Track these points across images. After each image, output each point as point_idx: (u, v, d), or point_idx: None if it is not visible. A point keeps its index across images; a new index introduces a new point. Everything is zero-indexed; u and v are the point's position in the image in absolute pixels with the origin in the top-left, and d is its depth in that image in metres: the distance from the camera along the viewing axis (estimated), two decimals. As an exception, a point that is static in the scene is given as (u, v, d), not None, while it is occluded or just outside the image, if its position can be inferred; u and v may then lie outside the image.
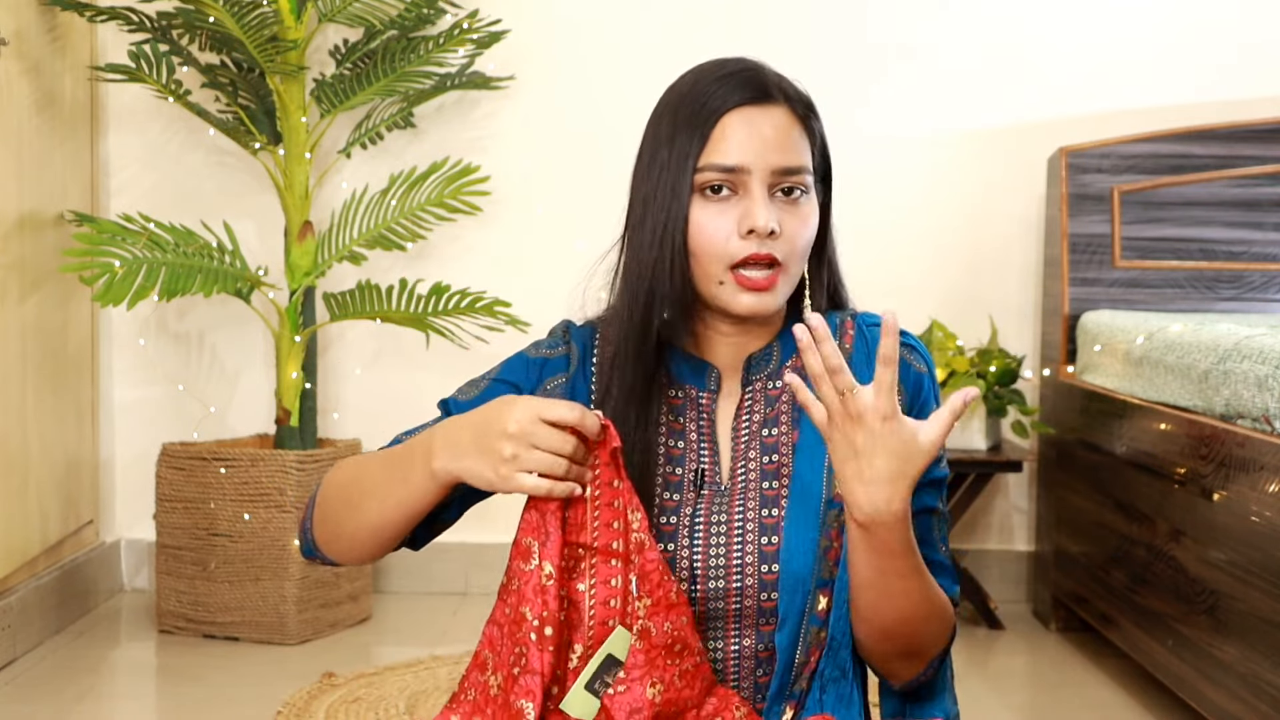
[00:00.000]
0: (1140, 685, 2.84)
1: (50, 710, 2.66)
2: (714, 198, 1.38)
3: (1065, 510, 3.23)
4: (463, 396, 1.46)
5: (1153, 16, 3.52)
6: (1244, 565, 2.18)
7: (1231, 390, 2.31)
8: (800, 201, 1.39)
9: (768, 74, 1.42)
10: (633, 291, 1.41)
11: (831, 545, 1.36)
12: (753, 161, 1.37)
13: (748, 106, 1.38)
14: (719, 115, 1.38)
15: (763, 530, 1.38)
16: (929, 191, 3.54)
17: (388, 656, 3.02)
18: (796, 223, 1.38)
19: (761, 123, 1.38)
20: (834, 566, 1.36)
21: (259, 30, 3.00)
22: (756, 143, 1.37)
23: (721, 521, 1.39)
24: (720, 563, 1.38)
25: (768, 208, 1.36)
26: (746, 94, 1.38)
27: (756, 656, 1.39)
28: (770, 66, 1.44)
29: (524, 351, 1.48)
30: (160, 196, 3.51)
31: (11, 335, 2.95)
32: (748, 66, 1.42)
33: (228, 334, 3.57)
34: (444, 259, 3.53)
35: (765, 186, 1.37)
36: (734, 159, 1.37)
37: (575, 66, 3.53)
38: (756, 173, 1.37)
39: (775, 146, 1.37)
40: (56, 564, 3.20)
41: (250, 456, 3.10)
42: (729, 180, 1.37)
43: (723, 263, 1.37)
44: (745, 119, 1.38)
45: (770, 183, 1.38)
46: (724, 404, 1.45)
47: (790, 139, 1.39)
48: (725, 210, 1.37)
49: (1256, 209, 3.31)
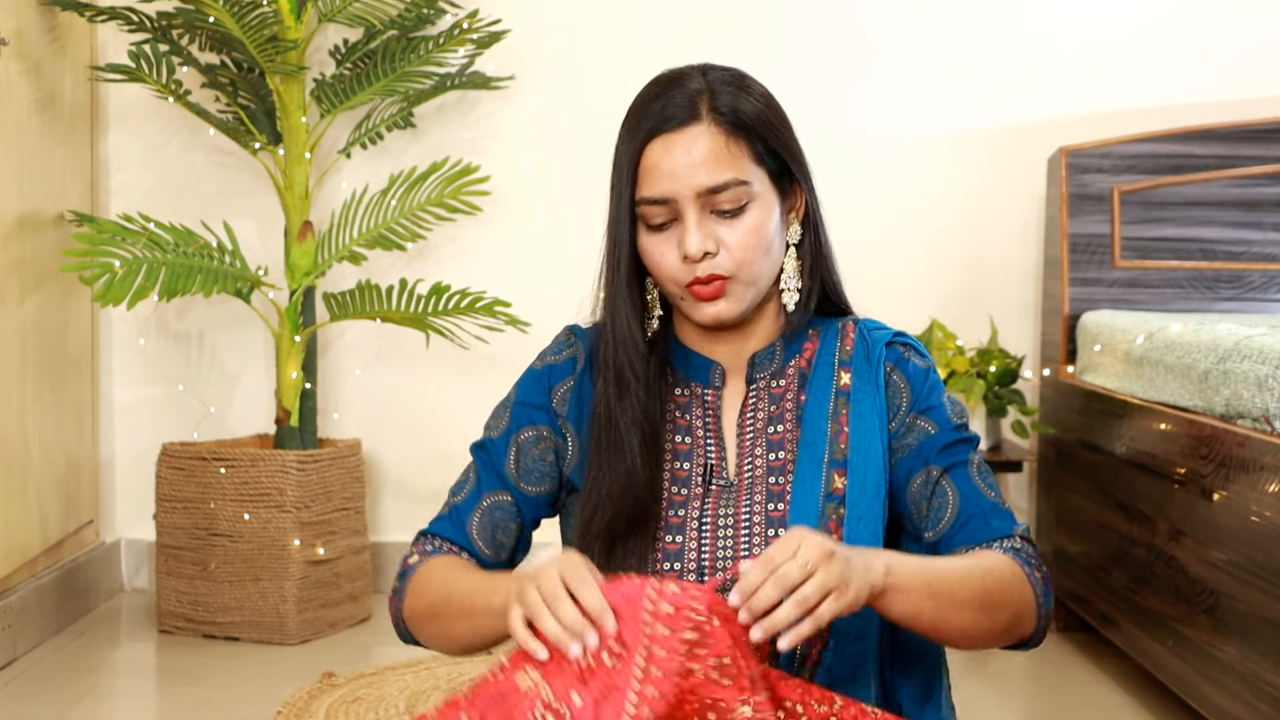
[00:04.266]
0: (1140, 685, 2.84)
1: (50, 710, 2.66)
2: (658, 231, 1.41)
3: (1065, 510, 3.23)
4: (494, 433, 1.52)
5: (1153, 16, 3.52)
6: (1244, 565, 2.18)
7: (1231, 390, 2.31)
8: (743, 214, 1.40)
9: (689, 86, 1.41)
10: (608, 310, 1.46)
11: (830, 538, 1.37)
12: (677, 189, 1.38)
13: (665, 135, 1.39)
14: (641, 149, 1.40)
15: (769, 524, 1.41)
16: (929, 192, 3.54)
17: (388, 656, 3.01)
18: (738, 235, 1.39)
19: (677, 149, 1.39)
20: None
21: (259, 30, 3.00)
22: (677, 170, 1.38)
23: (729, 515, 1.43)
24: (728, 556, 1.41)
25: (698, 232, 1.38)
26: (660, 123, 1.39)
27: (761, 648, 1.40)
28: (704, 74, 1.42)
29: (531, 366, 1.53)
30: (160, 196, 3.51)
31: (11, 335, 2.95)
32: (668, 89, 1.41)
33: (228, 334, 3.57)
34: (444, 259, 3.53)
35: (697, 209, 1.39)
36: (659, 190, 1.39)
37: (575, 66, 3.53)
38: (683, 199, 1.39)
39: (696, 168, 1.38)
40: (56, 564, 3.20)
41: (250, 456, 3.10)
42: (663, 211, 1.40)
43: (677, 285, 1.41)
44: (664, 147, 1.39)
45: (701, 204, 1.39)
46: (729, 401, 1.49)
47: (713, 156, 1.38)
48: (668, 238, 1.41)
49: (1256, 209, 3.31)
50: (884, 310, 1.56)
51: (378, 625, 3.29)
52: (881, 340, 1.47)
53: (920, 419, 1.45)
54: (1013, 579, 1.37)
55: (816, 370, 1.46)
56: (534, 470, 1.50)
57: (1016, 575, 1.38)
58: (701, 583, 1.38)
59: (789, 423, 1.46)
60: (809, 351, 1.48)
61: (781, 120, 1.44)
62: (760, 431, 1.46)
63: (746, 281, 1.41)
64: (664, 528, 1.43)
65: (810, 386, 1.46)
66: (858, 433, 1.43)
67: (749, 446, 1.46)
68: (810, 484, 1.41)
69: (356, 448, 3.29)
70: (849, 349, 1.47)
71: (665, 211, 1.39)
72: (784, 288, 1.45)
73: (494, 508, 1.50)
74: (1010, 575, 1.37)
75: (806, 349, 1.49)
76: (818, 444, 1.42)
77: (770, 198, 1.42)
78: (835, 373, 1.46)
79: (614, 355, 1.44)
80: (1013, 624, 1.38)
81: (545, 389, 1.50)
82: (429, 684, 2.78)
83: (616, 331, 1.44)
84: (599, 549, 1.41)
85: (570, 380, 1.50)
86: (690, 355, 1.49)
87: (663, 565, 1.41)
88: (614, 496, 1.42)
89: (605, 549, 1.41)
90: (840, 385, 1.45)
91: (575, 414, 1.49)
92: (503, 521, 1.50)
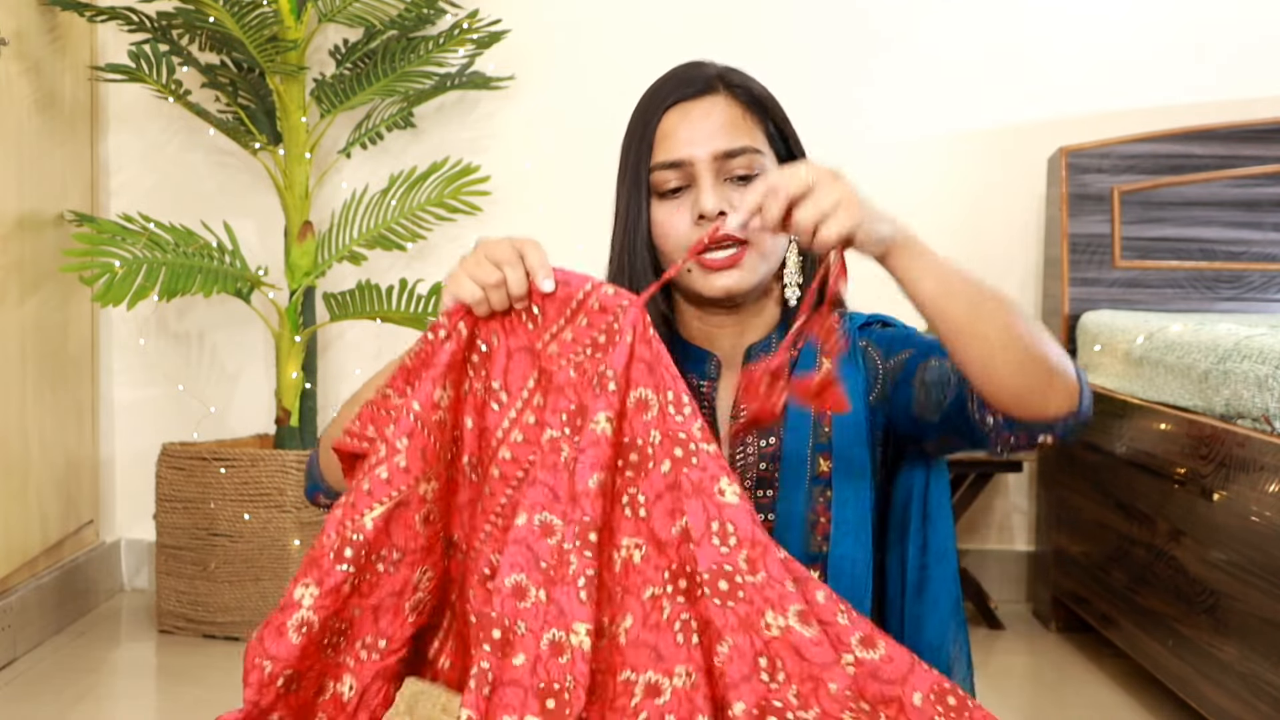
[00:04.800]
0: (1140, 685, 2.84)
1: (50, 710, 2.66)
2: (671, 197, 1.42)
3: (1065, 510, 3.23)
4: None
5: (1153, 16, 3.52)
6: (1244, 565, 2.18)
7: (1231, 390, 2.31)
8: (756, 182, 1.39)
9: (706, 69, 1.45)
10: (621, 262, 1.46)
11: (818, 520, 1.41)
12: (693, 152, 1.40)
13: (683, 103, 1.42)
14: (658, 117, 1.42)
15: (760, 509, 1.43)
16: (929, 192, 3.54)
17: (388, 656, 3.01)
18: None
19: (696, 114, 1.41)
20: (823, 541, 1.41)
21: (259, 30, 3.00)
22: (694, 133, 1.41)
23: None
24: None
25: (714, 191, 1.40)
26: (680, 91, 1.43)
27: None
28: (718, 63, 1.47)
29: None
30: (160, 196, 3.51)
31: (11, 335, 2.95)
32: (687, 66, 1.46)
33: (228, 334, 3.57)
34: (444, 259, 3.52)
35: (713, 174, 1.41)
36: (674, 154, 1.41)
37: (575, 66, 3.53)
38: (700, 162, 1.40)
39: (714, 133, 1.41)
40: (57, 564, 3.20)
41: (250, 456, 3.10)
42: (678, 176, 1.41)
43: (689, 253, 1.40)
44: (681, 114, 1.42)
45: (716, 169, 1.41)
46: (724, 391, 1.50)
47: (730, 123, 1.41)
48: (681, 205, 1.42)
49: (1256, 209, 3.31)
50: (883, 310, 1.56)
51: (378, 625, 3.29)
52: (858, 322, 1.50)
53: (898, 356, 1.45)
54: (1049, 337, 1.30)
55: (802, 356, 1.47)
56: None
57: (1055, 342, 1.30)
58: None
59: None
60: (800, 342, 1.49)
61: (786, 117, 1.49)
62: None
63: (760, 253, 1.42)
64: None
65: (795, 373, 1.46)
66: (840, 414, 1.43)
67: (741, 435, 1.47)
68: (796, 468, 1.43)
69: (356, 448, 3.28)
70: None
71: (680, 176, 1.41)
72: (787, 282, 1.46)
73: None
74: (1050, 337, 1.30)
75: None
76: (802, 428, 1.44)
77: None
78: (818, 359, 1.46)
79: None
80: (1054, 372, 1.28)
81: None
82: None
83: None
84: None
85: None
86: (689, 348, 1.50)
87: None
88: None
89: None
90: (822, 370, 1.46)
91: None
92: None
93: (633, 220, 1.44)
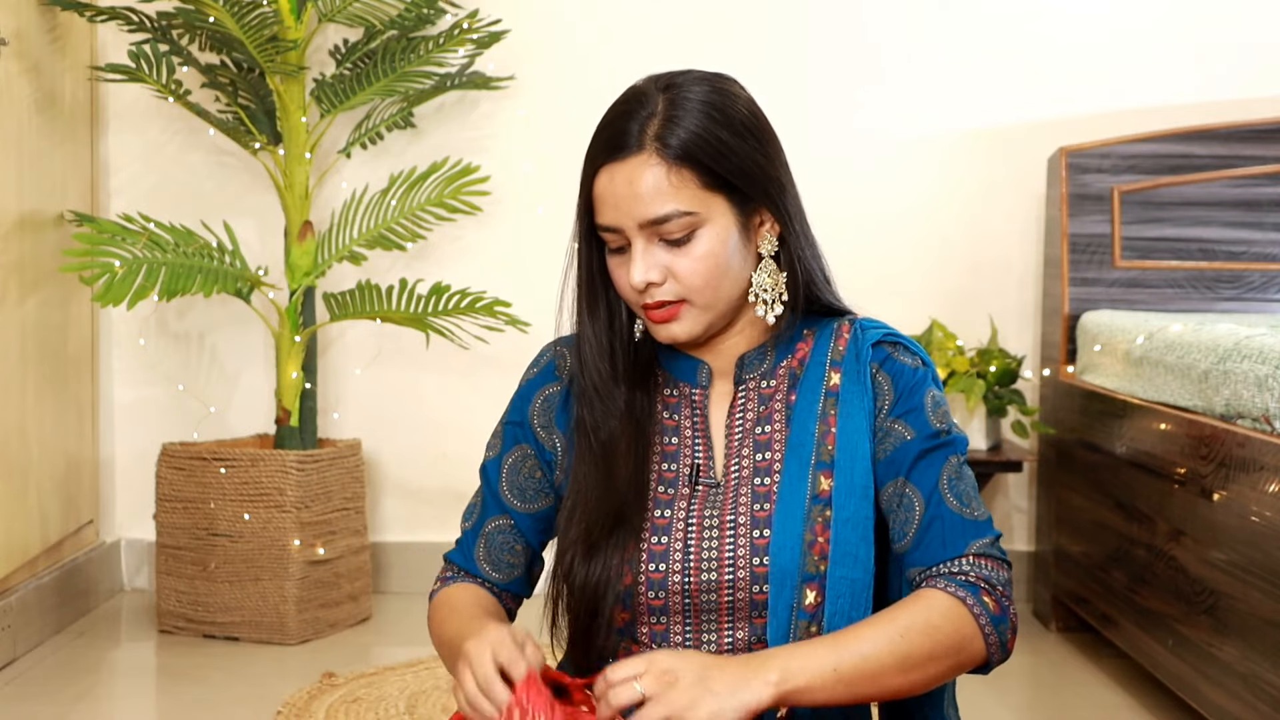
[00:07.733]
0: (1140, 685, 2.84)
1: (50, 710, 2.66)
2: (616, 252, 1.43)
3: (1065, 510, 3.23)
4: (491, 454, 1.55)
5: (1153, 16, 3.52)
6: (1244, 565, 2.18)
7: (1231, 390, 2.31)
8: (691, 241, 1.39)
9: (638, 116, 1.40)
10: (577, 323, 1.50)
11: (816, 540, 1.39)
12: (620, 220, 1.40)
13: (609, 165, 1.41)
14: (591, 178, 1.43)
15: (754, 524, 1.41)
16: (929, 192, 3.54)
17: (388, 656, 3.02)
18: (687, 263, 1.39)
19: (620, 180, 1.40)
20: (820, 561, 1.38)
21: (259, 30, 3.00)
22: (620, 200, 1.40)
23: (715, 515, 1.43)
24: (714, 556, 1.41)
25: (642, 261, 1.39)
26: (606, 153, 1.41)
27: (750, 649, 1.41)
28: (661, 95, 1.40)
29: (520, 384, 1.56)
30: (160, 196, 3.51)
31: (11, 335, 2.95)
32: (619, 115, 1.42)
33: (228, 334, 3.57)
34: (444, 259, 3.53)
35: (643, 239, 1.40)
36: (606, 219, 1.42)
37: (575, 66, 3.53)
38: (628, 230, 1.40)
39: (637, 200, 1.38)
40: (56, 564, 3.20)
41: (250, 456, 3.10)
42: (615, 238, 1.42)
43: (635, 306, 1.44)
44: (608, 178, 1.41)
45: (648, 234, 1.40)
46: (717, 401, 1.49)
47: (655, 189, 1.38)
48: (626, 261, 1.42)
49: (1256, 209, 3.31)
50: (884, 310, 1.56)
51: (378, 625, 3.30)
52: (871, 339, 1.46)
53: (898, 423, 1.42)
54: (944, 621, 1.32)
55: (808, 370, 1.46)
56: (527, 489, 1.53)
57: (951, 614, 1.32)
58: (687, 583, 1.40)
59: (778, 423, 1.45)
60: (802, 352, 1.47)
61: (744, 137, 1.39)
62: (748, 432, 1.45)
63: (702, 306, 1.41)
64: (649, 528, 1.43)
65: (801, 387, 1.45)
66: (845, 433, 1.42)
67: (736, 447, 1.45)
68: (796, 485, 1.40)
69: (356, 448, 3.29)
70: (841, 349, 1.46)
71: (618, 238, 1.41)
72: (752, 300, 1.44)
73: (495, 533, 1.53)
74: (942, 618, 1.32)
75: (800, 349, 1.47)
76: (805, 445, 1.42)
77: (726, 220, 1.40)
78: (826, 373, 1.45)
79: (585, 364, 1.47)
80: (952, 667, 1.33)
81: (525, 405, 1.53)
82: (429, 684, 2.79)
83: (583, 346, 1.47)
84: (580, 553, 1.42)
85: (550, 386, 1.52)
86: (678, 356, 1.49)
87: (648, 566, 1.41)
88: (590, 503, 1.43)
89: (585, 553, 1.42)
90: (830, 385, 1.44)
91: (561, 418, 1.51)
92: (506, 544, 1.53)
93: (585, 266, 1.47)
